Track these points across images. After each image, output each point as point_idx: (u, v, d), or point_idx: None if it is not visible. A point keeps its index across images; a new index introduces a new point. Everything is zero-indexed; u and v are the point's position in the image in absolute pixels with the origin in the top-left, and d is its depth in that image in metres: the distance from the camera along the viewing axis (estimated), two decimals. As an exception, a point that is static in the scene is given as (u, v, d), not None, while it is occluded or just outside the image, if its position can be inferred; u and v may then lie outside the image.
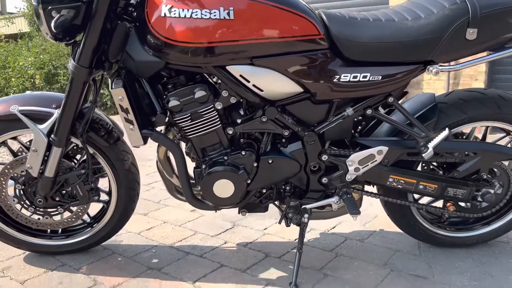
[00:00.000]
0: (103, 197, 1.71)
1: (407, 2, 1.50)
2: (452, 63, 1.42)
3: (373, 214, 2.14)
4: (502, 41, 1.40)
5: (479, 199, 1.56)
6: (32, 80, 7.32)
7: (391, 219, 1.74)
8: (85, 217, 1.77)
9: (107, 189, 1.70)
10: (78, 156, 1.68)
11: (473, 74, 4.28)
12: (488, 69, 4.30)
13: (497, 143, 1.60)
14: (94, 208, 1.79)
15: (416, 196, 1.76)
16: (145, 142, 1.42)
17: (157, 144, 1.49)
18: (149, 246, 1.84)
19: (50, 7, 1.28)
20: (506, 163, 1.66)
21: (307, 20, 1.32)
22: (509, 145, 1.63)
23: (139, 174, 1.71)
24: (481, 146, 1.53)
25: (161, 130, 1.46)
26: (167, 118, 1.41)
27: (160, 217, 2.17)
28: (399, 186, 1.53)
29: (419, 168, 1.61)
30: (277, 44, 1.31)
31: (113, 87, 1.34)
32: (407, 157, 1.51)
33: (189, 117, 1.37)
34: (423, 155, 1.43)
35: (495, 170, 1.58)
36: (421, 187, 1.53)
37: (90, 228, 1.74)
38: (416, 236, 1.75)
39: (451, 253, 1.72)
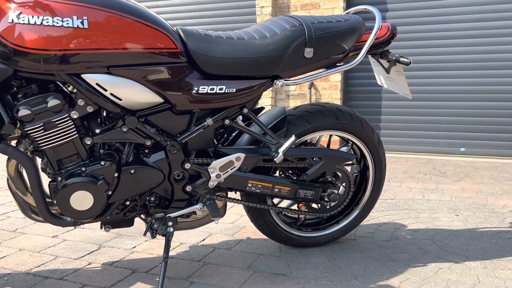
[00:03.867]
0: None
1: (256, 24, 1.68)
2: (295, 78, 1.61)
3: (242, 225, 2.25)
4: (334, 60, 1.64)
5: (326, 199, 1.77)
6: None
7: (254, 225, 1.86)
8: None
9: None
10: None
11: (331, 87, 4.82)
12: (343, 83, 4.88)
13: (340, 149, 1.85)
14: None
15: (276, 201, 1.92)
16: (-9, 155, 1.32)
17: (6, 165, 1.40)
18: (1, 275, 1.67)
19: None
20: (348, 168, 1.91)
21: (164, 34, 1.39)
22: (350, 152, 1.89)
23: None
24: (324, 152, 1.74)
25: (10, 143, 1.38)
26: (17, 129, 1.34)
27: (16, 245, 1.99)
28: (258, 190, 1.66)
29: (276, 175, 1.77)
30: (134, 55, 1.35)
31: (-49, 94, 1.24)
32: (263, 163, 1.65)
33: (42, 127, 1.32)
34: (274, 159, 1.58)
35: (338, 173, 1.81)
36: (276, 190, 1.68)
37: None
38: (277, 239, 1.89)
39: (308, 252, 1.89)
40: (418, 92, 4.69)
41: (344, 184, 1.83)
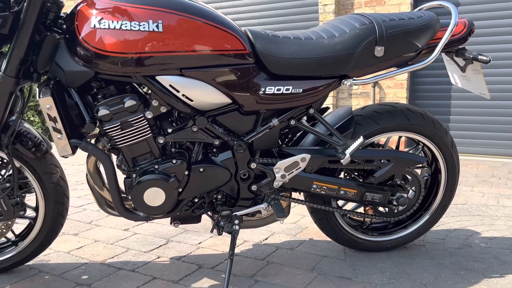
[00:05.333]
0: (30, 213, 1.66)
1: (324, 23, 1.66)
2: (364, 77, 1.57)
3: (304, 226, 2.24)
4: (406, 58, 1.58)
5: (394, 203, 1.71)
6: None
7: (318, 226, 1.84)
8: (10, 234, 1.70)
9: (34, 206, 1.65)
10: (3, 172, 1.62)
11: (396, 85, 4.66)
12: (409, 82, 4.69)
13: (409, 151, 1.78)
14: (20, 226, 1.73)
15: (341, 203, 1.89)
16: (73, 152, 1.42)
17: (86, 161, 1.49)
18: (79, 264, 1.79)
19: (-25, 16, 1.28)
20: (418, 171, 1.84)
21: (234, 36, 1.42)
22: (420, 154, 1.81)
23: (68, 188, 1.68)
24: (394, 154, 1.68)
25: (90, 141, 1.47)
26: (96, 128, 1.42)
27: (91, 237, 2.12)
28: (323, 192, 1.64)
29: (341, 177, 1.74)
30: (205, 57, 1.39)
31: (40, 96, 1.35)
32: (328, 164, 1.63)
33: (119, 126, 1.40)
34: (341, 161, 1.55)
35: (408, 176, 1.75)
36: (342, 192, 1.65)
37: (14, 247, 1.67)
38: (341, 242, 1.86)
39: (374, 256, 1.84)
40: (491, 90, 4.39)
41: (413, 188, 1.76)
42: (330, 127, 1.59)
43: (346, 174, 1.76)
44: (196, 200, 1.59)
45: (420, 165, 1.78)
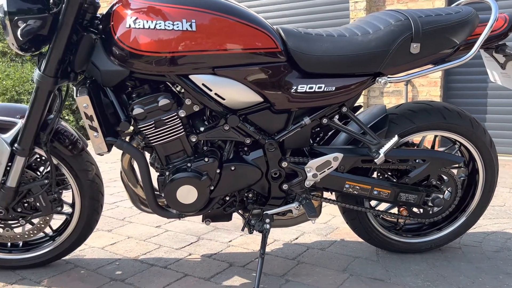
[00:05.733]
0: (67, 209, 1.71)
1: (357, 20, 1.63)
2: (398, 74, 1.53)
3: (335, 226, 2.21)
4: (443, 55, 1.53)
5: (430, 204, 1.66)
6: (-6, 106, 7.15)
7: (349, 227, 1.82)
8: (47, 230, 1.75)
9: (71, 202, 1.70)
10: (41, 169, 1.68)
11: (429, 83, 4.54)
12: (443, 79, 4.56)
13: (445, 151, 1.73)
14: (57, 221, 1.78)
15: (373, 203, 1.86)
16: (109, 149, 1.45)
17: (120, 159, 1.52)
18: (113, 260, 1.83)
19: (16, 18, 1.32)
20: (455, 171, 1.78)
21: (266, 34, 1.41)
22: (457, 154, 1.76)
23: (103, 185, 1.72)
24: (429, 154, 1.64)
25: (125, 139, 1.50)
26: (131, 126, 1.44)
27: (125, 233, 2.16)
28: (355, 192, 1.61)
29: (374, 176, 1.71)
30: (237, 56, 1.39)
31: (77, 95, 1.38)
32: (361, 164, 1.60)
33: (153, 125, 1.42)
34: (375, 160, 1.52)
35: (444, 176, 1.69)
36: (375, 192, 1.62)
37: (51, 241, 1.73)
38: (374, 243, 1.82)
39: (407, 258, 1.80)
40: (532, 88, 4.21)
41: (450, 189, 1.70)
42: (363, 126, 1.56)
43: (379, 174, 1.73)
44: (227, 198, 1.60)
45: (457, 165, 1.72)
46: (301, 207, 1.57)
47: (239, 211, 1.65)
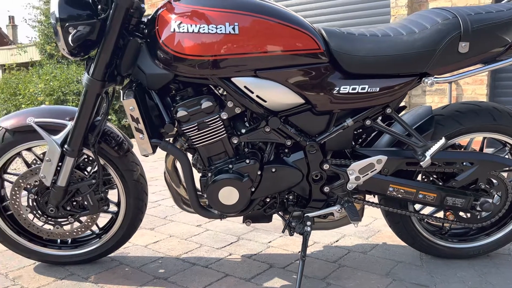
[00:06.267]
0: (112, 208, 1.77)
1: (401, 19, 1.59)
2: (446, 75, 1.48)
3: (376, 229, 2.17)
4: (493, 54, 1.47)
5: (478, 208, 1.60)
6: (42, 106, 7.51)
7: (392, 230, 1.78)
8: (94, 228, 1.82)
9: (116, 201, 1.75)
10: (89, 169, 1.74)
11: (475, 82, 4.36)
12: (490, 77, 4.37)
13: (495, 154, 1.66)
14: (103, 220, 1.84)
15: (418, 207, 1.80)
16: (154, 151, 1.48)
17: (163, 160, 1.55)
18: (156, 258, 1.88)
19: (67, 24, 1.38)
20: (505, 174, 1.70)
21: (308, 35, 1.40)
22: (507, 156, 1.68)
23: (147, 185, 1.77)
24: (477, 156, 1.57)
25: (169, 140, 1.53)
26: (175, 128, 1.47)
27: (166, 231, 2.21)
28: (399, 195, 1.57)
29: (419, 179, 1.66)
30: (279, 58, 1.39)
31: (124, 98, 1.42)
32: (406, 166, 1.56)
33: (196, 127, 1.44)
34: (421, 163, 1.48)
35: (493, 180, 1.63)
36: (420, 196, 1.57)
37: (98, 239, 1.79)
38: (418, 248, 1.78)
39: (453, 264, 1.74)
40: None
41: (499, 193, 1.63)
42: (408, 127, 1.52)
43: (423, 177, 1.68)
44: (267, 200, 1.60)
45: (508, 168, 1.65)
46: (343, 210, 1.55)
47: (280, 212, 1.64)
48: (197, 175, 1.55)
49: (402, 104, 1.61)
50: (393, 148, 1.57)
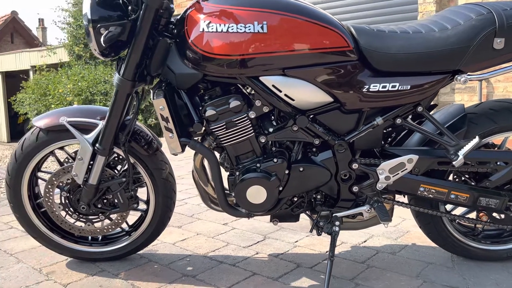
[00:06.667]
0: (142, 206, 1.79)
1: (433, 15, 1.55)
2: (479, 72, 1.44)
3: (405, 229, 2.13)
4: (531, 50, 1.42)
5: (513, 209, 1.55)
6: (71, 106, 7.71)
7: (423, 231, 1.74)
8: (124, 225, 1.85)
9: (145, 199, 1.78)
10: (119, 167, 1.77)
11: (506, 79, 4.23)
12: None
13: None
14: (132, 217, 1.87)
15: (449, 207, 1.76)
16: (183, 150, 1.50)
17: (189, 159, 1.56)
18: (184, 255, 1.89)
19: (99, 25, 1.40)
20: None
21: (337, 33, 1.39)
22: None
23: (175, 184, 1.79)
24: (513, 156, 1.53)
25: (197, 139, 1.54)
26: (203, 127, 1.48)
27: (194, 229, 2.23)
28: (430, 195, 1.54)
29: (450, 179, 1.62)
30: (308, 56, 1.38)
31: (154, 97, 1.44)
32: (437, 166, 1.52)
33: (224, 126, 1.44)
34: (453, 163, 1.44)
35: (530, 180, 1.57)
36: (452, 196, 1.53)
37: (128, 236, 1.82)
38: (449, 249, 1.74)
39: (486, 266, 1.69)
40: None
41: (536, 194, 1.58)
42: (440, 126, 1.49)
43: (455, 177, 1.64)
44: (295, 199, 1.59)
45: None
46: (372, 210, 1.53)
47: (307, 212, 1.63)
48: (224, 174, 1.55)
49: (435, 103, 1.58)
50: (424, 147, 1.54)
